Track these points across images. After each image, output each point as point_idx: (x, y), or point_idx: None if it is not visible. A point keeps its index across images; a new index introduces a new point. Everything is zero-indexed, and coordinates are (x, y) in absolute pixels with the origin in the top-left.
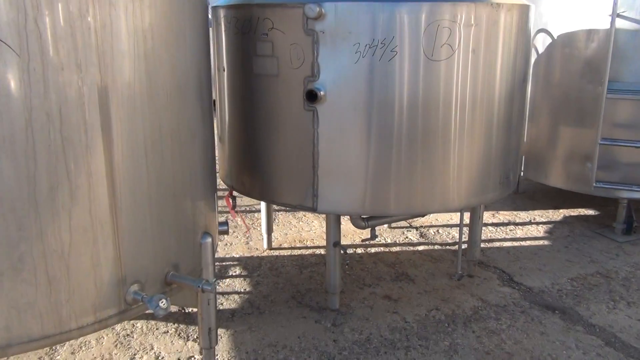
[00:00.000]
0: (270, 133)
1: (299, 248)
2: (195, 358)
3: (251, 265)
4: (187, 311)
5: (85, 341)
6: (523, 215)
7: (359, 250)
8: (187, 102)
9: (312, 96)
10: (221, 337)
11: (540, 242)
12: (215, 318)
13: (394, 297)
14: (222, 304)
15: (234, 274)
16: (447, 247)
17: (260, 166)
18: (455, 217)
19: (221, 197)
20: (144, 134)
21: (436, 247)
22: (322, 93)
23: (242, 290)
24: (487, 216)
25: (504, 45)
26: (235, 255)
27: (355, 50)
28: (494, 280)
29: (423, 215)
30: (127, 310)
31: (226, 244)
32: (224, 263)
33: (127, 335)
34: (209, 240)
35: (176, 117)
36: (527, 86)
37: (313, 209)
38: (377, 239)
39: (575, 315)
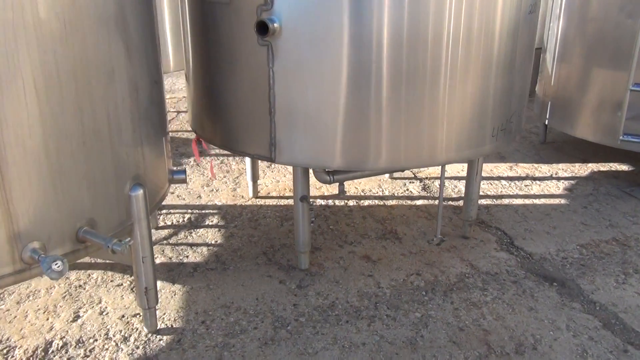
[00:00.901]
0: (225, 72)
1: (287, 197)
2: (140, 316)
3: (231, 215)
4: None
5: (35, 290)
6: (544, 169)
7: (351, 203)
8: (97, 33)
9: (263, 29)
10: (175, 294)
11: (557, 201)
12: (153, 276)
13: (374, 257)
14: (187, 256)
15: (210, 223)
16: (450, 202)
17: (219, 109)
18: (466, 168)
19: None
20: (31, 71)
21: (436, 202)
22: (275, 25)
23: (212, 242)
24: (504, 169)
25: None
26: (217, 203)
27: None
28: (491, 243)
29: (403, 170)
30: (25, 270)
31: (212, 190)
32: (203, 211)
33: (79, 286)
34: (140, 192)
35: (80, 51)
36: (536, 17)
37: (271, 159)
38: (374, 191)
39: (575, 289)
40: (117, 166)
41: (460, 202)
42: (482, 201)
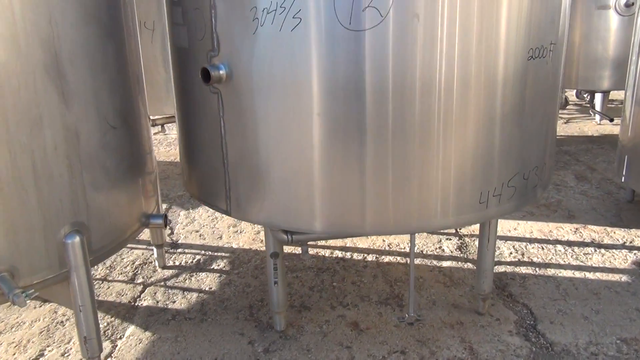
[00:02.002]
0: (189, 118)
1: (315, 247)
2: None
3: (240, 260)
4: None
5: (21, 322)
6: (618, 235)
7: (370, 257)
8: (18, 81)
9: (206, 76)
10: (140, 342)
11: (615, 277)
12: (94, 325)
13: (362, 325)
14: (174, 302)
15: (216, 267)
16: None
17: (189, 157)
18: (521, 227)
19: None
20: None
21: (467, 265)
22: (221, 73)
23: (207, 288)
24: (568, 230)
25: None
26: (234, 246)
27: (252, 16)
28: (508, 323)
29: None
30: None
31: (236, 232)
32: (216, 253)
33: (61, 322)
34: (77, 239)
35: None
36: (544, 63)
37: (227, 213)
38: (401, 246)
39: None
40: (46, 213)
41: (499, 267)
42: (522, 269)
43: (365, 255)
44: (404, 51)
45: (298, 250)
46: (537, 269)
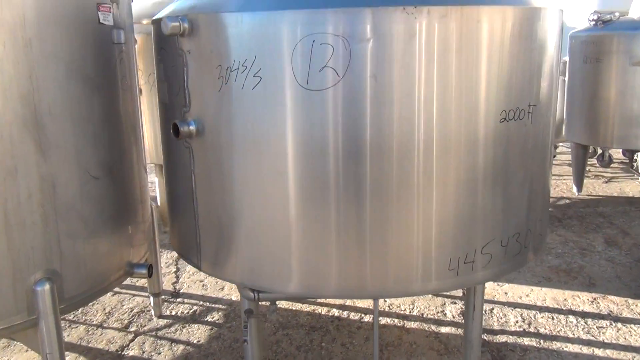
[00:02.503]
0: (170, 171)
1: (313, 303)
2: None
3: (235, 313)
4: None
5: None
6: None
7: (366, 318)
8: None
9: (176, 131)
10: None
11: (628, 356)
12: None
13: None
14: (159, 353)
15: (209, 319)
16: (485, 335)
17: (171, 208)
18: (534, 294)
19: None
20: None
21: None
22: (191, 128)
23: (195, 341)
24: (584, 300)
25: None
26: (233, 298)
27: (217, 74)
28: None
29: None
30: None
31: None
32: (213, 305)
33: None
34: (46, 287)
35: None
36: (522, 125)
37: (199, 268)
38: (402, 307)
39: None
40: (16, 260)
41: (500, 337)
42: (526, 340)
43: (363, 315)
44: (360, 111)
45: (294, 305)
46: (541, 341)
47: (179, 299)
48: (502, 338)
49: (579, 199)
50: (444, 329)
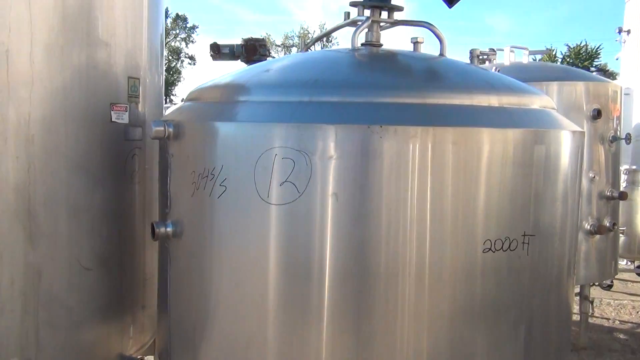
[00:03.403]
0: (158, 269)
1: None
2: None
3: None
4: None
5: None
6: None
7: None
8: None
9: (152, 231)
10: None
11: None
12: None
13: None
14: None
15: None
16: None
17: (158, 305)
18: None
19: None
20: None
21: None
22: (168, 230)
23: None
24: None
25: (407, 191)
26: None
27: (191, 180)
28: None
29: None
30: None
31: None
32: None
33: None
34: None
35: None
36: (547, 249)
37: None
38: None
39: None
40: None
41: None
42: None
43: None
44: (319, 231)
45: None
46: None
47: None
48: None
49: None
50: None
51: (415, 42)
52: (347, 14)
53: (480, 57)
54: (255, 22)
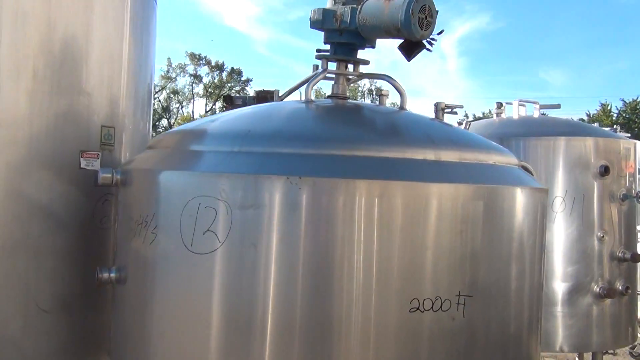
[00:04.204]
0: None
1: None
2: None
3: None
4: None
5: None
6: None
7: None
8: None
9: (96, 276)
10: None
11: None
12: None
13: None
14: None
15: None
16: None
17: None
18: None
19: None
20: None
21: None
22: (112, 275)
23: None
24: None
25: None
26: None
27: (130, 226)
28: None
29: None
30: None
31: None
32: None
33: None
34: None
35: None
36: (490, 310)
37: None
38: None
39: None
40: None
41: None
42: None
43: None
44: (237, 281)
45: None
46: None
47: None
48: None
49: None
50: None
51: (380, 95)
52: (315, 67)
53: (446, 110)
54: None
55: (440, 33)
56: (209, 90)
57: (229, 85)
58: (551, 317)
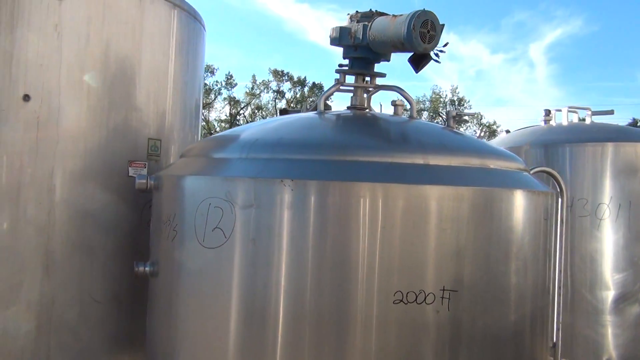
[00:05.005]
0: None
1: None
2: None
3: None
4: None
5: None
6: None
7: None
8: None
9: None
10: None
11: None
12: None
13: None
14: None
15: None
16: None
17: None
18: None
19: None
20: None
21: None
22: (146, 269)
23: None
24: None
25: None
26: None
27: (158, 226)
28: None
29: None
30: None
31: None
32: None
33: None
34: None
35: None
36: (475, 305)
37: None
38: None
39: None
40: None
41: None
42: None
43: None
44: (240, 272)
45: None
46: None
47: None
48: None
49: None
50: None
51: (395, 105)
52: (337, 80)
53: (457, 118)
54: None
55: (445, 45)
56: (291, 105)
57: (311, 99)
58: (597, 326)
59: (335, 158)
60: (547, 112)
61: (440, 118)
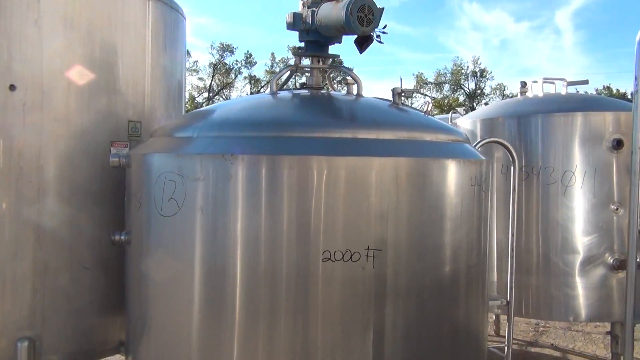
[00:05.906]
0: None
1: None
2: None
3: None
4: None
5: None
6: None
7: None
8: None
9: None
10: None
11: None
12: None
13: None
14: None
15: None
16: None
17: None
18: None
19: None
20: None
21: None
22: (122, 237)
23: None
24: None
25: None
26: None
27: (128, 198)
28: None
29: None
30: None
31: None
32: None
33: None
34: (25, 344)
35: None
36: (394, 263)
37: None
38: None
39: None
40: (4, 319)
41: None
42: None
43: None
44: (191, 238)
45: None
46: None
47: None
48: None
49: None
50: None
51: (347, 84)
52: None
53: (403, 94)
54: (415, 61)
55: (384, 27)
56: None
57: (332, 75)
58: (566, 288)
59: (270, 135)
60: (523, 84)
61: (462, 90)
